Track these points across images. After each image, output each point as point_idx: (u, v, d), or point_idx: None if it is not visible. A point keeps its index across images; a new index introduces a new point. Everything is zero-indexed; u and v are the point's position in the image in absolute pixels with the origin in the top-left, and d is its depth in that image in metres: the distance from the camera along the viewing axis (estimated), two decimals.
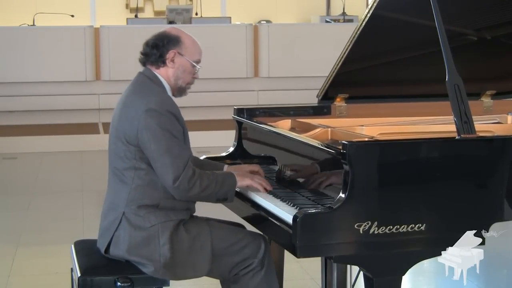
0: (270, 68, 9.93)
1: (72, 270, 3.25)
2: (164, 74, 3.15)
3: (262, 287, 3.12)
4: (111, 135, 3.17)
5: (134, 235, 3.05)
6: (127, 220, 3.06)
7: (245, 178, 3.15)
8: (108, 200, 3.18)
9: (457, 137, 2.92)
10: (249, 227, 3.23)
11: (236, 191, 3.14)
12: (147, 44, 3.17)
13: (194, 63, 3.16)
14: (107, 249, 3.12)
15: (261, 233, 3.18)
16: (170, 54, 3.13)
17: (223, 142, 5.36)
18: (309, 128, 3.52)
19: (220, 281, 3.26)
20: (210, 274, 3.14)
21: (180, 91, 3.20)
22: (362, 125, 3.52)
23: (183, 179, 2.97)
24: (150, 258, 3.04)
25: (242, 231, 3.21)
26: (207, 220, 3.22)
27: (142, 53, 3.19)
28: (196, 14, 12.20)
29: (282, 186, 3.23)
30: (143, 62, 3.20)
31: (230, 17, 11.04)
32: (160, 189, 3.06)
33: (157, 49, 3.13)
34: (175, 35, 3.16)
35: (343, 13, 11.51)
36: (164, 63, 3.14)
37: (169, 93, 3.17)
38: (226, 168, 3.37)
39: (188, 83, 3.20)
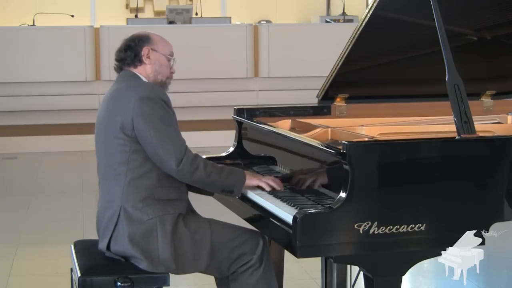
0: (270, 68, 9.92)
1: (72, 270, 3.25)
2: (143, 72, 3.22)
3: (261, 284, 3.13)
4: (99, 134, 3.20)
5: (132, 229, 3.06)
6: (125, 214, 3.08)
7: (254, 178, 3.17)
8: (102, 200, 3.19)
9: (457, 137, 2.92)
10: (249, 227, 3.23)
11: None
12: (119, 50, 3.26)
13: (168, 56, 3.24)
14: (108, 247, 3.12)
15: (259, 230, 3.19)
16: (144, 51, 3.21)
17: (223, 142, 5.36)
18: (309, 128, 3.52)
19: (216, 280, 3.26)
20: (208, 270, 3.15)
21: (161, 85, 3.24)
22: (362, 125, 3.52)
23: (186, 161, 3.02)
24: (149, 252, 3.05)
25: (240, 228, 3.22)
26: (205, 217, 3.22)
27: (116, 60, 3.25)
28: (196, 14, 12.19)
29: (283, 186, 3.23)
30: (120, 68, 3.26)
31: (230, 17, 11.02)
32: (153, 178, 3.09)
33: (131, 50, 3.22)
34: (143, 34, 3.27)
35: (343, 13, 11.50)
36: (140, 61, 3.21)
37: None
38: None
39: (168, 77, 3.27)
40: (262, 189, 3.18)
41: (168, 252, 3.05)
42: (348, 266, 3.39)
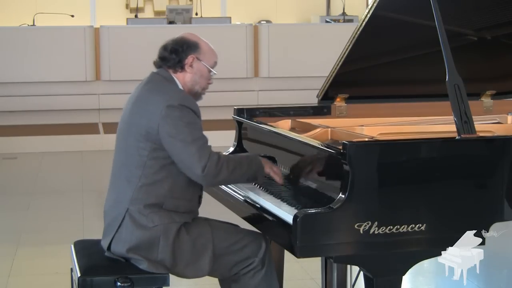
0: (270, 68, 9.93)
1: (72, 270, 3.25)
2: (181, 79, 3.17)
3: (262, 286, 3.13)
4: (120, 132, 3.17)
5: (136, 234, 3.05)
6: (130, 217, 3.06)
7: (267, 165, 3.17)
8: (111, 197, 3.18)
9: (457, 137, 2.92)
10: (249, 227, 3.23)
11: (239, 194, 3.15)
12: (165, 48, 3.17)
13: (210, 68, 3.19)
14: (109, 246, 3.12)
15: (261, 232, 3.18)
16: (189, 59, 3.15)
17: (223, 142, 5.35)
18: (309, 128, 3.52)
19: (219, 280, 3.26)
20: (211, 273, 3.14)
21: (196, 96, 3.21)
22: (362, 125, 3.52)
23: (210, 166, 2.99)
24: (150, 258, 3.04)
25: (242, 231, 3.21)
26: (207, 220, 3.21)
27: (159, 57, 3.18)
28: (196, 14, 12.20)
29: (282, 186, 3.22)
30: (159, 65, 3.19)
31: (230, 17, 11.03)
32: (166, 187, 3.07)
33: (176, 54, 3.14)
34: (193, 40, 3.18)
35: (343, 13, 11.50)
36: (182, 68, 3.15)
37: None
38: None
39: (204, 88, 3.23)
40: (265, 187, 3.16)
41: (168, 260, 3.04)
42: (348, 266, 3.39)
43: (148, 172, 3.06)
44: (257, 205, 3.11)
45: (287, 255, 3.12)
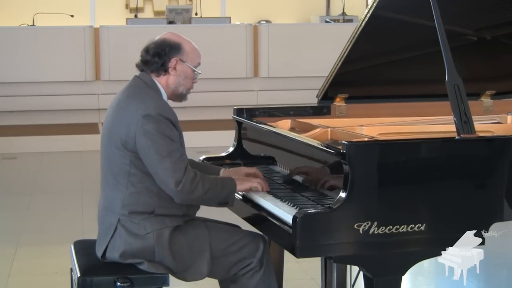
0: (270, 68, 9.93)
1: (72, 270, 3.25)
2: (164, 82, 3.12)
3: (261, 287, 3.13)
4: (103, 137, 3.14)
5: (129, 242, 3.03)
6: (122, 226, 3.05)
7: (244, 182, 3.14)
8: (102, 204, 3.16)
9: (457, 137, 2.92)
10: (249, 227, 3.23)
11: (238, 194, 3.14)
12: (147, 51, 3.13)
13: (195, 69, 3.15)
14: (103, 253, 3.11)
15: (261, 233, 3.19)
16: (172, 62, 3.10)
17: (223, 142, 5.36)
18: (309, 128, 3.52)
19: (219, 281, 3.26)
20: (209, 275, 3.14)
21: (181, 97, 3.18)
22: (362, 125, 3.52)
23: (185, 182, 2.95)
24: (149, 259, 3.04)
25: (240, 231, 3.20)
26: (205, 221, 3.21)
27: (141, 60, 3.15)
28: (196, 14, 12.19)
29: (282, 186, 3.23)
30: (142, 69, 3.16)
31: (230, 17, 11.03)
32: (155, 196, 3.04)
33: (159, 58, 3.10)
34: (176, 41, 3.13)
35: (343, 13, 11.51)
36: (166, 71, 3.11)
37: (165, 99, 3.14)
38: (222, 171, 3.35)
39: (189, 88, 3.18)
40: None
41: (167, 265, 3.04)
42: (348, 266, 3.39)
43: (133, 180, 3.03)
44: (257, 205, 3.11)
45: (287, 255, 3.12)
